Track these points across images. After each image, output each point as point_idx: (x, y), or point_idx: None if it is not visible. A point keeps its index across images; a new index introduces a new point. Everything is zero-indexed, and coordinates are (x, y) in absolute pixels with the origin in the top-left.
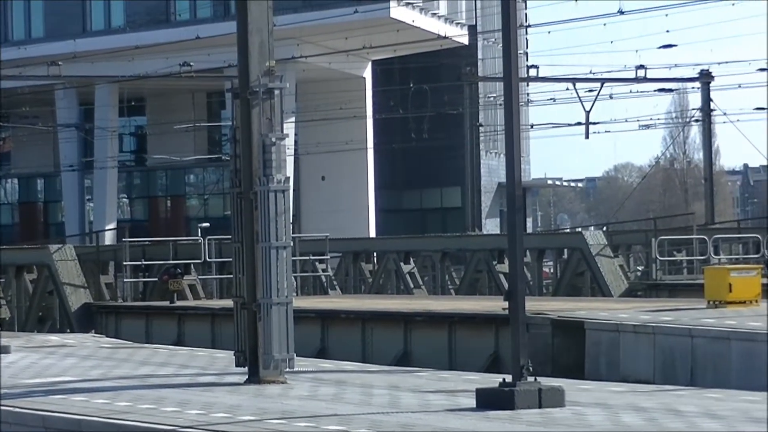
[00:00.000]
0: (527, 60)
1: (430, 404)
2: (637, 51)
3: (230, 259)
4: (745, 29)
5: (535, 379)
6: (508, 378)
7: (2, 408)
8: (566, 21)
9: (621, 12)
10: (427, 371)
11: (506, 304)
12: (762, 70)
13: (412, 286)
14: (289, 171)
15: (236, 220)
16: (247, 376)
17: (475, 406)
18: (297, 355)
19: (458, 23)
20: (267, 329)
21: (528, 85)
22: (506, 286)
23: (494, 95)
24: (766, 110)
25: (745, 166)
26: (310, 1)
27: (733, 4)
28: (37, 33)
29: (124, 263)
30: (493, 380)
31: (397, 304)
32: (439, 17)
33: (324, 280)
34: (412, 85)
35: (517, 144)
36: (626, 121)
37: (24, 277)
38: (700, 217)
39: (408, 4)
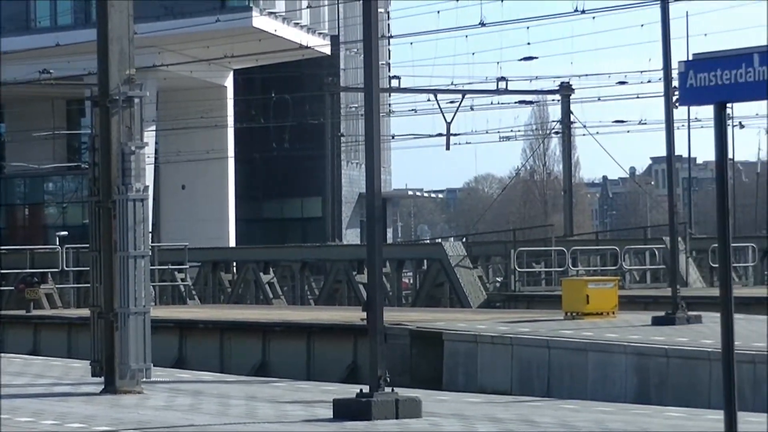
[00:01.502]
0: (389, 71)
1: (287, 415)
2: (498, 63)
3: (88, 268)
4: (604, 43)
5: (393, 390)
6: (366, 389)
7: None
8: (428, 32)
9: (482, 24)
10: (285, 382)
11: (365, 315)
12: (621, 83)
13: (271, 296)
14: (149, 180)
15: (94, 228)
16: (103, 386)
17: (332, 416)
18: (154, 365)
19: (321, 33)
20: (124, 339)
21: (390, 95)
22: (365, 296)
23: (356, 105)
24: (625, 122)
25: (604, 178)
26: (172, 9)
27: (594, 18)
28: None
29: None
30: (350, 391)
31: (256, 315)
32: (302, 27)
33: (183, 289)
34: (273, 94)
35: (377, 154)
36: (487, 132)
37: None
38: (559, 229)
39: (270, 13)
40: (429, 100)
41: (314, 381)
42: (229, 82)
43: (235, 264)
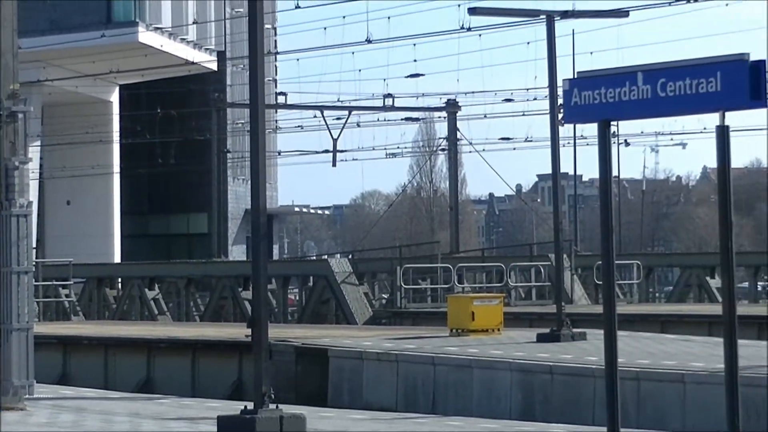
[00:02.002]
0: (276, 87)
1: None
2: (384, 80)
3: None
4: (491, 60)
5: (277, 407)
6: (250, 405)
7: None
8: (315, 49)
9: (369, 41)
10: (170, 398)
11: (249, 331)
12: (508, 100)
13: (156, 312)
14: (33, 195)
15: None
16: None
17: None
18: (37, 382)
19: (207, 49)
20: (6, 355)
21: (276, 112)
22: (250, 312)
23: (242, 121)
24: (509, 140)
25: (491, 195)
26: (57, 23)
27: (480, 35)
28: None
29: None
30: (235, 407)
31: (141, 331)
32: (188, 42)
33: (67, 305)
34: (159, 110)
35: (262, 171)
36: (374, 149)
37: None
38: (445, 246)
39: (157, 28)
40: (315, 116)
41: (199, 398)
42: (114, 98)
43: (120, 280)
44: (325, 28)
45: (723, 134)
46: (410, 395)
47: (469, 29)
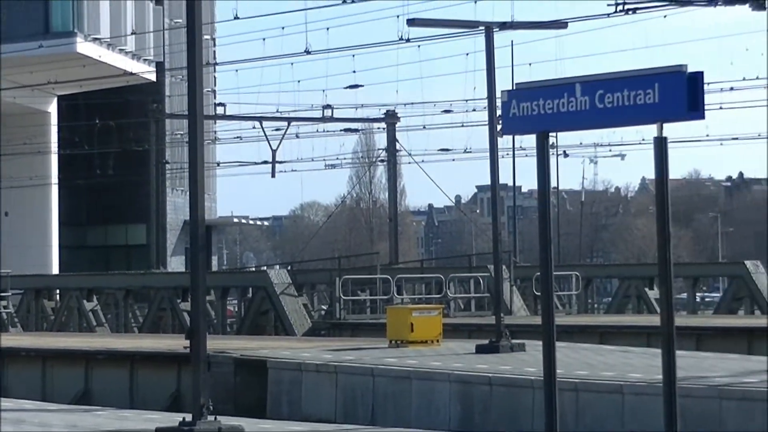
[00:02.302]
0: (215, 98)
1: None
2: (323, 91)
3: None
4: (430, 71)
5: (216, 418)
6: (189, 417)
7: None
8: (254, 60)
9: (308, 52)
10: (108, 410)
11: (188, 343)
12: (447, 111)
13: (94, 323)
14: None
15: None
16: None
17: None
18: None
19: (146, 60)
20: None
21: (215, 122)
22: (189, 324)
23: (181, 132)
24: (448, 151)
25: (430, 206)
26: None
27: (419, 47)
28: None
29: None
30: (174, 419)
31: (79, 342)
32: (127, 53)
33: (4, 317)
34: (98, 121)
35: (201, 182)
36: (313, 160)
37: None
38: (385, 257)
39: (95, 39)
40: (255, 127)
41: (137, 409)
42: (53, 108)
43: (58, 291)
44: (264, 39)
45: (661, 145)
46: (349, 407)
47: (408, 40)
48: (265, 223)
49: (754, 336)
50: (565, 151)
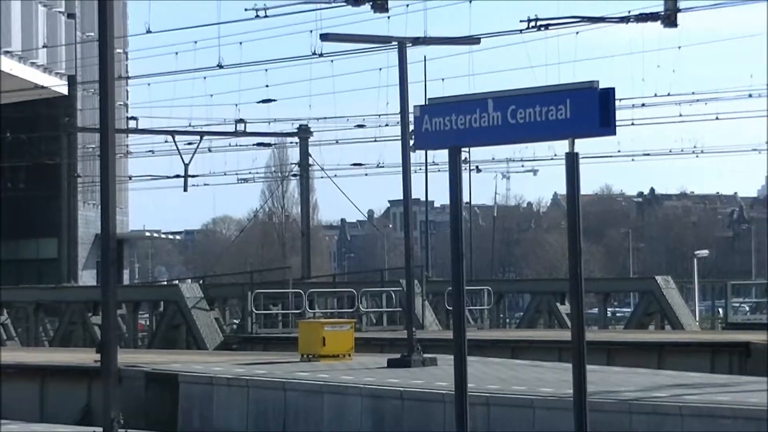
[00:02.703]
0: (127, 111)
1: None
2: (236, 105)
3: None
4: (343, 86)
5: None
6: (99, 430)
7: None
8: (166, 73)
9: (221, 66)
10: (18, 424)
11: (99, 356)
12: (360, 126)
13: (5, 337)
14: None
15: None
16: None
17: None
18: None
19: (58, 73)
20: None
21: (127, 136)
22: (100, 337)
23: (93, 146)
24: (361, 165)
25: (343, 221)
26: None
27: (332, 61)
28: None
29: None
30: None
31: None
32: (38, 66)
33: None
34: (8, 134)
35: (113, 196)
36: (225, 174)
37: None
38: (297, 271)
39: (6, 52)
40: (167, 141)
41: (48, 423)
42: None
43: None
44: (176, 53)
45: (573, 161)
46: (261, 420)
47: (321, 55)
48: (178, 237)
49: (664, 351)
50: (477, 167)
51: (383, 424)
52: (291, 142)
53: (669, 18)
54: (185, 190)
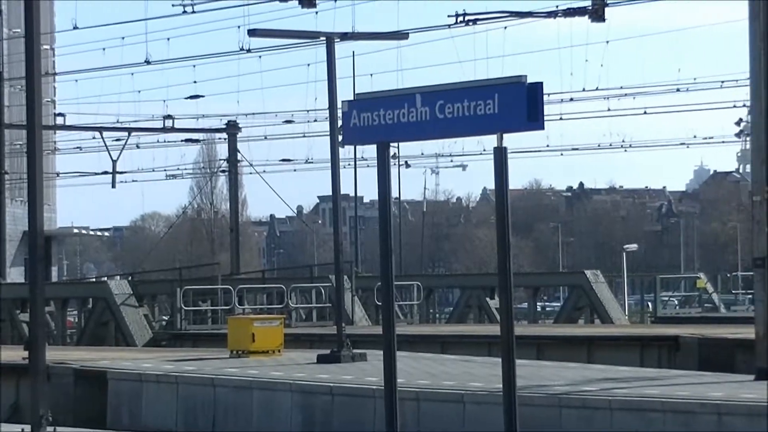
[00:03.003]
0: (54, 108)
1: None
2: (164, 101)
3: None
4: (271, 82)
5: (55, 429)
6: (28, 428)
7: None
8: (94, 69)
9: (148, 62)
10: None
11: (27, 353)
12: (288, 122)
13: None
14: None
15: None
16: None
17: None
18: None
19: None
20: None
21: (55, 133)
22: (28, 334)
23: (20, 143)
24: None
25: (272, 216)
26: None
27: (260, 57)
28: None
29: None
30: (13, 430)
31: None
32: None
33: None
34: None
35: (40, 192)
36: (153, 170)
37: None
38: (226, 267)
39: None
40: (95, 137)
41: None
42: None
43: None
44: (104, 49)
45: (501, 156)
46: (190, 417)
47: (249, 51)
48: (106, 233)
49: (594, 345)
50: (406, 162)
51: (313, 420)
52: (219, 138)
53: (596, 12)
54: (113, 186)
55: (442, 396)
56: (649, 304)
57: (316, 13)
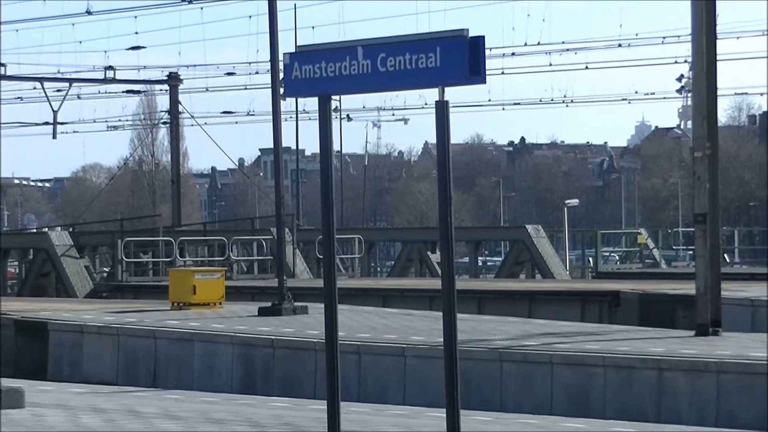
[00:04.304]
0: None
1: None
2: (106, 52)
3: None
4: (213, 33)
5: None
6: None
7: None
8: (34, 20)
9: (89, 12)
10: None
11: None
12: (230, 74)
13: None
14: None
15: None
16: None
17: None
18: None
19: None
20: None
21: None
22: None
23: None
24: (231, 114)
25: (213, 169)
26: None
27: (202, 9)
28: None
29: None
30: None
31: None
32: None
33: None
34: None
35: None
36: (95, 121)
37: None
38: (167, 219)
39: None
40: (35, 88)
41: None
42: None
43: None
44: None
45: (443, 110)
46: (131, 368)
47: (191, 2)
48: (47, 184)
49: (534, 299)
50: (348, 115)
51: (254, 372)
52: (160, 90)
53: None
54: (54, 137)
55: (383, 349)
56: (590, 259)
57: None
